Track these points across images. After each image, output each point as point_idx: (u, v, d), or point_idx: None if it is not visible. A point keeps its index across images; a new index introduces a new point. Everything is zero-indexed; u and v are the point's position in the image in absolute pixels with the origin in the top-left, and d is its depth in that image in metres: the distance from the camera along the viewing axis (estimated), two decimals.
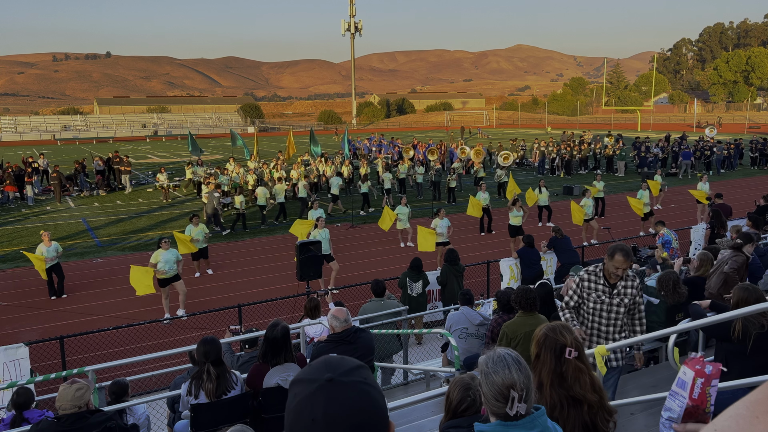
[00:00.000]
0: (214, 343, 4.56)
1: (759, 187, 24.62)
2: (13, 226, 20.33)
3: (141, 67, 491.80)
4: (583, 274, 4.99)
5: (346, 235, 18.35)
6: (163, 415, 6.87)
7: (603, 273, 4.88)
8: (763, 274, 7.83)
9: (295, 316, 10.02)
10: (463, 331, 7.05)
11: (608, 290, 4.87)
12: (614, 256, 4.69)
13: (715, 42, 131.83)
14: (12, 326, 11.45)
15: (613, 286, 4.87)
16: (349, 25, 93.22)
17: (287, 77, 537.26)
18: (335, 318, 5.08)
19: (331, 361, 1.20)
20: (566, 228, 14.02)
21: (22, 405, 5.25)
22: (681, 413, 2.11)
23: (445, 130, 49.64)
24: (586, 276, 4.96)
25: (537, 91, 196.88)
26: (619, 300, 4.87)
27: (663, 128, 63.87)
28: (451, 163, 27.95)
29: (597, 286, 4.91)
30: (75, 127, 79.81)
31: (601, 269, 4.91)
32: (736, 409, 0.82)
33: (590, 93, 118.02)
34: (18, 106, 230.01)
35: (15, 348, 7.78)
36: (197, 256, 14.13)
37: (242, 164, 26.21)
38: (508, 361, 2.10)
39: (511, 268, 11.54)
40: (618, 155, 31.66)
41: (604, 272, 4.88)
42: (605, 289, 4.88)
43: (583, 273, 5.00)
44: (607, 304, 4.88)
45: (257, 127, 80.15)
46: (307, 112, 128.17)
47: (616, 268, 4.72)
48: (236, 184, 23.22)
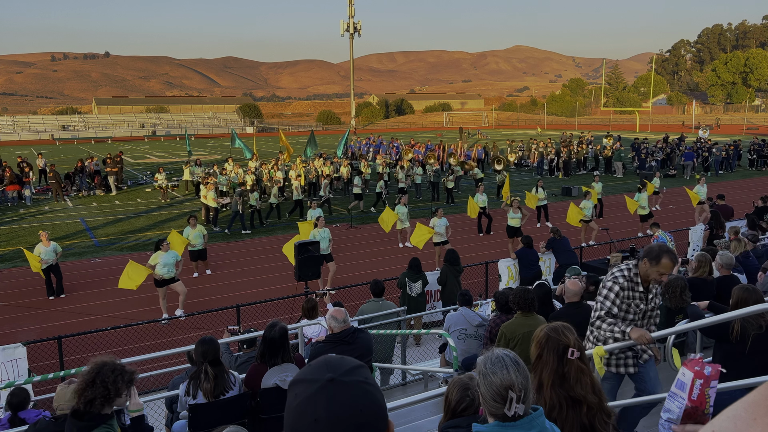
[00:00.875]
0: (213, 343, 4.56)
1: (757, 189, 24.66)
2: (11, 226, 20.30)
3: (140, 67, 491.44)
4: (622, 281, 4.31)
5: (345, 235, 18.35)
6: (161, 416, 6.86)
7: (639, 278, 4.31)
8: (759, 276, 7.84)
9: (294, 316, 10.01)
10: (462, 332, 7.05)
11: (644, 296, 4.36)
12: (661, 260, 4.09)
13: (714, 43, 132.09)
14: (10, 326, 11.43)
15: (648, 290, 4.36)
16: (348, 26, 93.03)
17: (286, 77, 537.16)
18: (334, 318, 5.07)
19: (332, 360, 1.20)
20: (565, 229, 14.04)
21: (16, 406, 5.24)
22: (680, 414, 2.11)
23: (438, 136, 49.52)
24: (626, 283, 4.31)
25: (536, 92, 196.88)
26: (652, 306, 4.42)
27: (661, 129, 63.96)
28: (449, 164, 27.98)
29: (634, 294, 4.33)
30: (73, 126, 79.70)
31: (636, 273, 4.31)
32: (734, 410, 0.82)
33: (589, 94, 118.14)
34: (16, 106, 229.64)
35: (13, 348, 7.77)
36: (195, 257, 14.11)
37: (240, 164, 26.20)
38: (506, 361, 2.11)
39: (509, 268, 11.56)
40: (615, 155, 31.70)
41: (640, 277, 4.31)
42: (642, 295, 4.34)
43: (621, 279, 4.32)
44: (642, 312, 4.38)
45: (256, 127, 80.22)
46: (306, 112, 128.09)
47: (661, 274, 4.15)
48: (234, 184, 23.23)
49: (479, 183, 21.25)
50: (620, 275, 4.33)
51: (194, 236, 13.70)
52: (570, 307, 6.10)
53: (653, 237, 12.16)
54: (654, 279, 4.20)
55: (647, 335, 4.08)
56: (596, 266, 11.30)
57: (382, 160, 26.98)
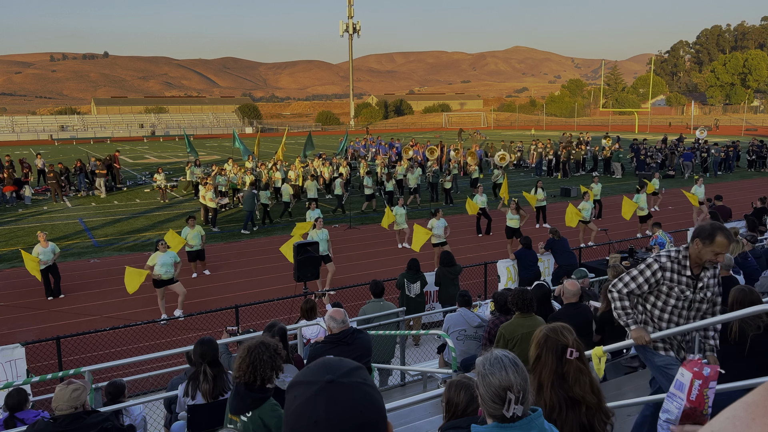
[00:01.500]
0: (211, 343, 4.55)
1: (756, 189, 24.69)
2: (10, 226, 20.28)
3: (139, 68, 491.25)
4: (665, 261, 3.88)
5: (344, 235, 18.35)
6: (160, 416, 6.85)
7: (689, 261, 3.84)
8: (759, 276, 7.85)
9: (293, 317, 10.00)
10: (461, 333, 7.05)
11: (692, 283, 3.87)
12: (715, 238, 3.65)
13: (713, 44, 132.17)
14: (8, 326, 11.41)
15: (698, 277, 3.88)
16: (348, 26, 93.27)
17: (285, 78, 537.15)
18: (333, 319, 5.07)
19: (330, 362, 1.20)
20: (563, 230, 14.05)
21: (13, 407, 5.23)
22: (679, 415, 2.11)
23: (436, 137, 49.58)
24: (669, 263, 3.86)
25: (535, 93, 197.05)
26: (702, 295, 3.91)
27: (660, 130, 64.03)
28: (448, 164, 28.00)
29: (681, 278, 3.85)
30: (72, 127, 79.63)
31: (685, 256, 3.86)
32: (733, 410, 0.82)
33: (588, 95, 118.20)
34: (15, 106, 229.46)
35: (11, 348, 7.76)
36: (194, 257, 14.10)
37: (239, 164, 26.20)
38: (505, 362, 2.11)
39: (508, 269, 11.56)
40: (614, 156, 31.72)
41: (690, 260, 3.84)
42: (689, 281, 3.86)
43: (664, 259, 3.89)
44: (690, 301, 3.91)
45: (255, 127, 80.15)
46: (305, 112, 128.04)
47: (716, 254, 3.69)
48: (234, 185, 23.24)
49: (478, 184, 21.25)
50: (665, 254, 3.91)
51: (192, 236, 13.69)
52: (569, 307, 6.10)
53: (653, 237, 12.17)
54: (709, 260, 3.74)
55: (646, 337, 3.93)
56: (595, 267, 11.30)
57: (381, 160, 27.01)
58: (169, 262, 11.44)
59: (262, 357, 3.41)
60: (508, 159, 26.99)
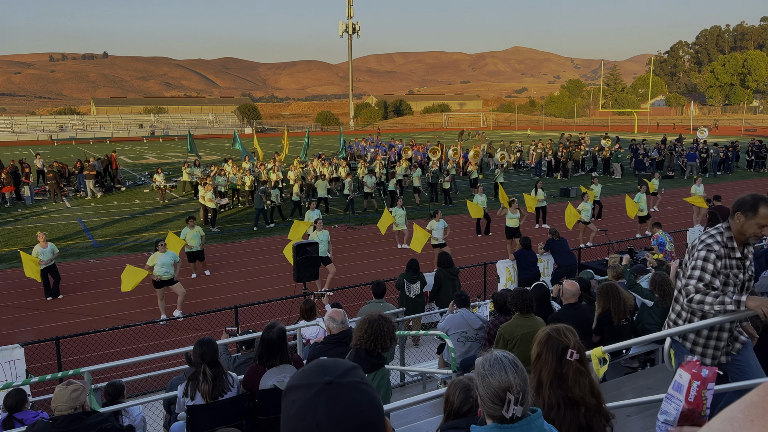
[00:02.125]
0: (211, 344, 4.55)
1: (755, 190, 24.38)
2: (9, 227, 20.27)
3: (138, 68, 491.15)
4: (718, 248, 3.52)
5: (343, 236, 18.34)
6: (159, 417, 6.85)
7: (735, 241, 3.52)
8: (759, 276, 7.84)
9: (292, 317, 10.00)
10: (462, 334, 7.03)
11: (742, 264, 3.56)
12: (758, 209, 3.36)
13: (712, 45, 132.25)
14: (8, 327, 11.41)
15: (744, 256, 3.55)
16: (347, 27, 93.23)
17: (285, 78, 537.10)
18: (332, 319, 5.06)
19: (326, 364, 1.19)
20: (563, 230, 14.05)
21: (12, 407, 5.23)
22: (677, 416, 2.11)
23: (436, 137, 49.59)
24: (722, 250, 3.52)
25: (534, 93, 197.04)
26: (749, 275, 3.60)
27: (660, 131, 64.04)
28: (447, 165, 28.00)
29: (731, 262, 3.53)
30: (72, 127, 79.57)
31: (730, 237, 3.52)
32: (731, 412, 0.82)
33: (587, 95, 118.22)
34: (14, 106, 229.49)
35: (10, 349, 7.75)
36: (193, 258, 14.09)
37: (238, 164, 26.19)
38: (504, 363, 2.11)
39: (507, 269, 11.55)
40: (614, 156, 31.73)
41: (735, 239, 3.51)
42: (739, 263, 3.54)
43: (716, 246, 3.52)
44: (742, 283, 3.58)
45: (255, 128, 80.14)
46: (305, 113, 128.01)
47: (761, 226, 3.38)
48: (233, 185, 23.23)
49: (478, 184, 21.24)
50: (713, 241, 3.53)
51: (192, 237, 13.69)
52: (568, 308, 6.10)
53: (653, 237, 12.17)
54: (753, 234, 3.43)
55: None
56: (594, 267, 11.29)
57: (380, 161, 26.96)
58: (169, 263, 11.43)
59: (383, 329, 3.76)
60: (507, 159, 27.01)
